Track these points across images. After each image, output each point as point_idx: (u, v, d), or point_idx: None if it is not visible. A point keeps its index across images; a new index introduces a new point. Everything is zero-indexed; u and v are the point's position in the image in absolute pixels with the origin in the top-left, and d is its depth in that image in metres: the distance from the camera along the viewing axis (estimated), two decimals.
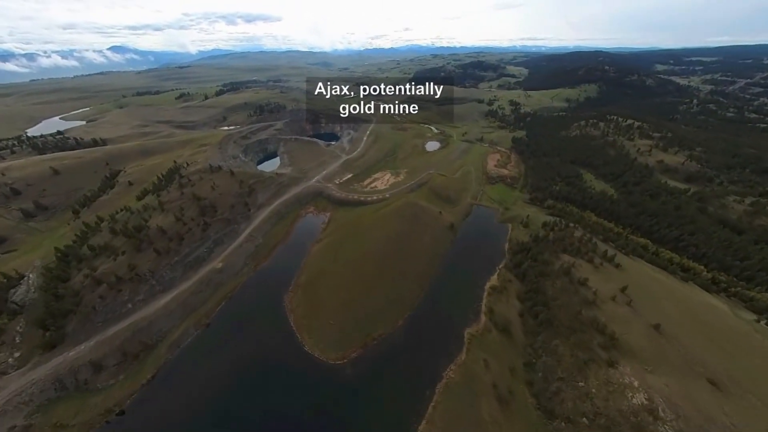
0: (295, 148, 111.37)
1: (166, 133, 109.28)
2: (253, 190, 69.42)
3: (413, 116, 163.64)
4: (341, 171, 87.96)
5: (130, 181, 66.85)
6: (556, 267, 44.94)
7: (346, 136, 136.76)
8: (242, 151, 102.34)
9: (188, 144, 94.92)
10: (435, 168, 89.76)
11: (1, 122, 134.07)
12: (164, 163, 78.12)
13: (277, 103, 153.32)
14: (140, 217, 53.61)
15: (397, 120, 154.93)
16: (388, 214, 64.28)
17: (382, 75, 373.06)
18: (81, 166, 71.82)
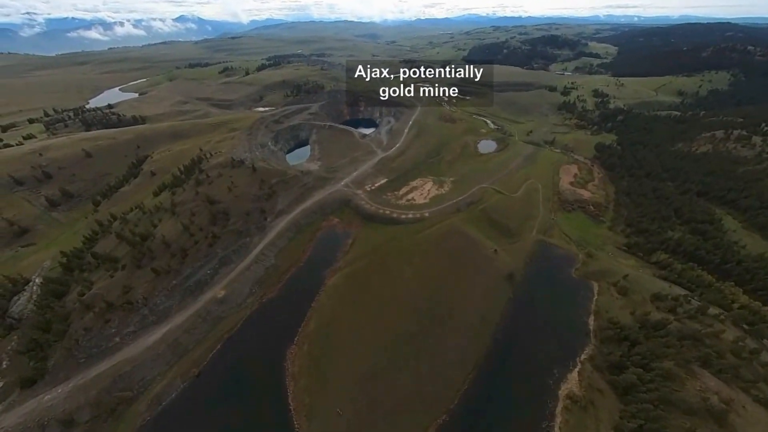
0: (327, 138, 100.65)
1: (202, 112, 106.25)
2: (274, 193, 61.07)
3: (465, 104, 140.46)
4: (374, 173, 75.24)
5: (152, 171, 63.01)
6: (690, 395, 28.43)
7: (384, 125, 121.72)
8: (272, 138, 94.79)
9: (219, 128, 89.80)
10: (489, 179, 71.96)
11: (72, 90, 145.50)
12: (190, 150, 73.45)
13: (316, 83, 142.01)
14: (149, 221, 48.67)
15: (444, 108, 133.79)
16: (425, 243, 51.11)
17: (433, 50, 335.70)
18: (113, 148, 70.29)
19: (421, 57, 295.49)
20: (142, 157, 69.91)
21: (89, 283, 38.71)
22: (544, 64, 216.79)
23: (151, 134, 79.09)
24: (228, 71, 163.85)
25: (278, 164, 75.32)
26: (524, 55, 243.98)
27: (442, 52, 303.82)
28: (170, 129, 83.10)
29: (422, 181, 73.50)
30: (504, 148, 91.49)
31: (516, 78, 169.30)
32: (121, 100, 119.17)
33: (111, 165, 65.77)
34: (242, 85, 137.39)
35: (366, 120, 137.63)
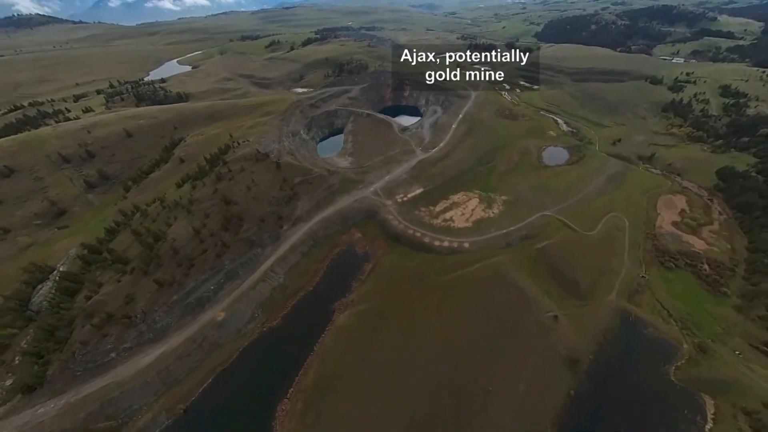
0: (364, 129, 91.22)
1: (242, 91, 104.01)
2: (295, 195, 55.28)
3: (531, 95, 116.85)
4: (409, 180, 64.73)
5: (182, 157, 61.55)
6: None
7: (429, 115, 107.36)
8: (305, 126, 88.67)
9: (254, 110, 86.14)
10: (555, 204, 56.62)
11: (137, 62, 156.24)
12: (222, 135, 70.83)
13: (360, 62, 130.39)
14: (166, 218, 46.61)
15: (504, 99, 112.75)
16: (460, 288, 41.08)
17: (498, 24, 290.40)
18: (152, 128, 70.80)
19: (483, 32, 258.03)
20: (177, 140, 69.24)
21: (97, 286, 37.78)
22: (645, 46, 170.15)
23: (189, 114, 78.41)
24: (274, 45, 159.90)
25: (305, 159, 69.13)
26: (619, 32, 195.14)
27: (510, 27, 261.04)
28: (207, 110, 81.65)
29: (465, 196, 60.97)
30: (578, 161, 72.17)
31: (604, 63, 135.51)
32: (174, 74, 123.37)
33: (148, 146, 66.18)
34: (285, 62, 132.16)
35: (409, 108, 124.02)
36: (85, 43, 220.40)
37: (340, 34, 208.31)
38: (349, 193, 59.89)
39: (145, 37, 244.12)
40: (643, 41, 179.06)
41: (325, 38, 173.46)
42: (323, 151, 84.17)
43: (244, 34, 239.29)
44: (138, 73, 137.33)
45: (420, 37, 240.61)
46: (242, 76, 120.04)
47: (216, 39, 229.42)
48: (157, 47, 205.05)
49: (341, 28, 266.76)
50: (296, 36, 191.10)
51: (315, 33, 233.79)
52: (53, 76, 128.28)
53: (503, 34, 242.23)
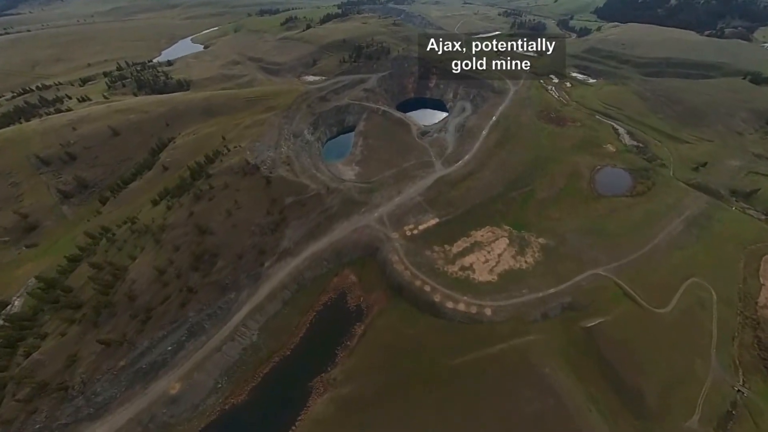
0: (377, 130, 79.35)
1: (247, 78, 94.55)
2: (283, 221, 46.89)
3: (585, 92, 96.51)
4: (424, 204, 53.62)
5: (165, 164, 54.71)
6: None
7: (456, 114, 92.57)
8: (311, 124, 78.44)
9: (255, 104, 77.00)
10: (611, 257, 43.48)
11: (151, 39, 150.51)
12: (215, 135, 63.05)
13: (381, 45, 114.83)
14: (132, 247, 40.39)
15: (550, 97, 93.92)
16: (475, 383, 31.36)
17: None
18: (142, 125, 64.39)
19: (531, 6, 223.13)
20: (166, 140, 62.46)
21: (41, 338, 32.64)
22: (744, 29, 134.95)
23: (183, 109, 71.03)
24: (290, 22, 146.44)
25: (304, 169, 59.84)
26: (708, 9, 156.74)
27: (564, 1, 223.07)
28: (204, 103, 73.72)
29: (492, 234, 49.08)
30: (646, 192, 56.26)
31: (686, 52, 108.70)
32: (182, 56, 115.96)
33: (135, 147, 60.12)
34: (298, 43, 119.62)
35: (434, 101, 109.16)
36: (109, 17, 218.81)
37: (364, 9, 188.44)
38: (349, 219, 50.43)
39: (166, 10, 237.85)
40: (740, 22, 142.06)
41: (347, 14, 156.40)
42: (329, 155, 74.36)
43: (264, 7, 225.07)
44: (150, 53, 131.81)
45: (455, 13, 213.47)
46: (251, 59, 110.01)
47: (234, 13, 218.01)
48: (175, 22, 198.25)
49: (368, 0, 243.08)
50: (316, 11, 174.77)
51: (338, 7, 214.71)
52: (69, 54, 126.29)
53: (555, 9, 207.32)
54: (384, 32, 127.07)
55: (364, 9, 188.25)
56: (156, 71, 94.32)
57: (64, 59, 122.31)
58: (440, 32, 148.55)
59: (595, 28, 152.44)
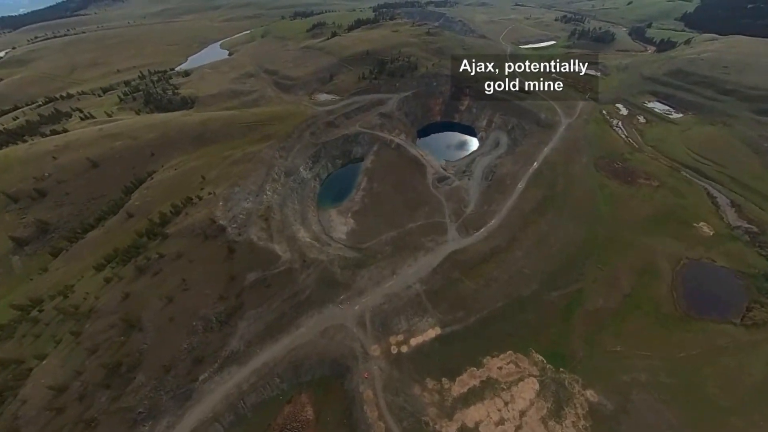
0: (385, 170, 67.30)
1: (255, 95, 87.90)
2: (240, 308, 37.30)
3: (666, 132, 74.53)
4: (422, 299, 40.55)
5: (130, 211, 48.18)
6: None
7: (487, 148, 77.43)
8: (311, 157, 68.72)
9: (252, 131, 69.34)
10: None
11: (184, 43, 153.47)
12: (197, 172, 55.98)
13: (408, 60, 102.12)
14: (46, 340, 33.35)
15: (617, 136, 73.84)
16: None
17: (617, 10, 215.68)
18: (126, 154, 59.54)
19: (597, 9, 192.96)
20: (144, 175, 56.69)
21: None
22: None
23: (175, 135, 65.46)
24: (316, 29, 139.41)
25: (285, 223, 49.99)
26: None
27: (641, 1, 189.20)
28: (198, 128, 67.61)
29: (515, 366, 34.46)
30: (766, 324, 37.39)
31: None
32: (200, 66, 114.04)
33: (112, 182, 55.06)
34: (318, 54, 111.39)
35: (463, 126, 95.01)
36: (158, 18, 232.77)
37: (399, 13, 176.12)
38: (321, 311, 39.30)
39: (210, 11, 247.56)
40: None
41: (377, 21, 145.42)
42: (326, 196, 64.07)
43: (299, 9, 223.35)
44: (177, 58, 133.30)
45: (502, 17, 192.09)
46: (267, 71, 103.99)
47: (269, 16, 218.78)
48: (214, 24, 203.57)
49: (406, 3, 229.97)
50: (346, 15, 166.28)
51: (373, 10, 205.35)
52: (105, 59, 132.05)
53: (627, 13, 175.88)
54: (414, 43, 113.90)
55: (399, 13, 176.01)
56: (167, 84, 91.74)
57: (100, 64, 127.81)
58: (479, 42, 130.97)
59: (683, 40, 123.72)
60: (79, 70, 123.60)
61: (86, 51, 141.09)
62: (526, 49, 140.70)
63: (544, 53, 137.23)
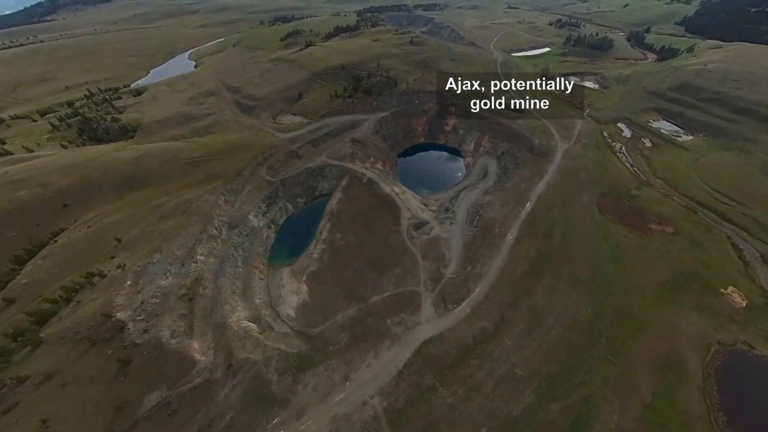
0: (353, 211, 57.52)
1: (210, 120, 77.55)
2: None
3: (676, 160, 65.83)
4: (382, 419, 30.50)
5: (9, 296, 37.69)
6: None
7: (474, 181, 67.91)
8: (265, 199, 58.60)
9: (195, 169, 59.19)
10: None
11: (147, 53, 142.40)
12: (116, 229, 45.76)
13: (387, 74, 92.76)
14: None
15: (621, 166, 65.05)
16: None
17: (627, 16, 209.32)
18: (29, 207, 48.95)
19: (592, 12, 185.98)
20: (47, 237, 46.18)
21: None
22: None
23: (98, 178, 54.98)
24: (291, 37, 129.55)
25: (214, 307, 39.88)
26: None
27: (637, 3, 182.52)
28: (128, 168, 57.22)
29: None
30: None
31: None
32: (158, 81, 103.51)
33: (3, 248, 44.51)
34: (290, 67, 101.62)
35: (449, 149, 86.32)
36: (129, 24, 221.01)
37: (383, 19, 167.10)
38: None
39: (186, 15, 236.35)
40: None
41: (359, 27, 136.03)
42: (282, 247, 53.87)
43: (280, 13, 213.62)
44: (137, 72, 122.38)
45: (494, 21, 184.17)
46: (229, 89, 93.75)
47: (248, 21, 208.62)
48: (187, 31, 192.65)
49: (393, 6, 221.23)
50: (326, 22, 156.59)
51: (357, 14, 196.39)
52: (56, 73, 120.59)
53: (624, 17, 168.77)
54: (396, 54, 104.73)
55: (383, 19, 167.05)
56: (110, 107, 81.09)
57: (49, 79, 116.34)
58: (468, 50, 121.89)
59: (685, 47, 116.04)
60: (23, 87, 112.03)
61: (37, 64, 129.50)
62: (519, 58, 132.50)
63: (537, 62, 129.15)
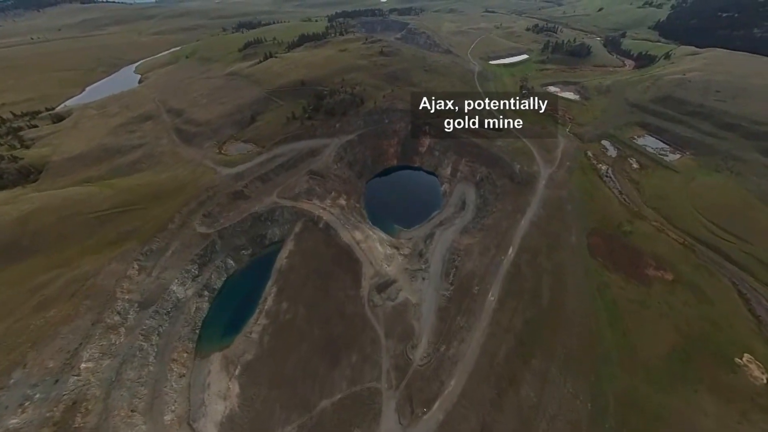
0: (305, 270, 47.82)
1: (140, 152, 65.64)
2: None
3: (667, 184, 60.35)
4: None
5: None
6: None
7: (451, 214, 59.75)
8: (196, 260, 47.79)
9: (105, 226, 47.83)
10: None
11: (86, 66, 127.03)
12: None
13: (353, 92, 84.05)
14: None
15: (606, 191, 59.08)
16: None
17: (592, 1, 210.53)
18: None
19: (569, 16, 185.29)
20: None
21: None
22: None
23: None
24: (250, 48, 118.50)
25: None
26: None
27: (611, 7, 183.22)
28: (13, 229, 45.17)
29: None
30: None
31: None
32: (89, 102, 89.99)
33: None
34: (244, 83, 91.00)
35: (425, 172, 79.05)
36: (74, 31, 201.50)
37: (355, 26, 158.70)
38: None
39: (141, 21, 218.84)
40: None
41: (326, 36, 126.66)
42: (215, 323, 43.20)
43: (245, 19, 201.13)
44: (70, 90, 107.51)
45: (471, 26, 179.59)
46: (171, 111, 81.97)
47: (209, 27, 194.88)
48: (140, 39, 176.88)
49: (367, 11, 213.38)
50: (291, 30, 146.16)
51: (329, 19, 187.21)
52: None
53: (600, 21, 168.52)
54: (364, 67, 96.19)
55: (354, 25, 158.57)
56: (15, 139, 67.70)
57: None
58: (443, 59, 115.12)
59: (662, 54, 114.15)
60: None
61: None
62: (497, 66, 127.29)
63: (516, 70, 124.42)
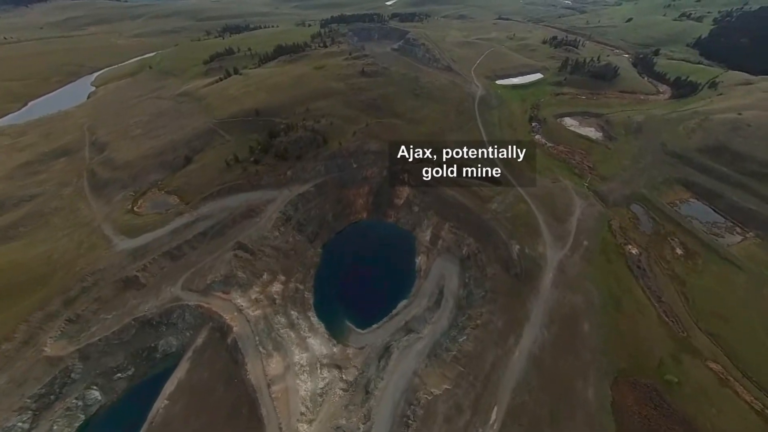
0: (195, 419, 33.08)
1: (21, 212, 51.84)
2: None
3: (729, 298, 42.70)
4: None
5: None
6: None
7: (421, 303, 43.68)
8: (27, 407, 33.15)
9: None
10: None
11: (39, 74, 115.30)
12: None
13: (313, 129, 69.08)
14: None
15: (640, 295, 42.24)
16: None
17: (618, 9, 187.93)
18: None
19: (592, 26, 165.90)
20: None
21: None
22: None
23: None
24: (214, 62, 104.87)
25: None
26: None
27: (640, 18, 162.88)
28: None
29: None
30: None
31: None
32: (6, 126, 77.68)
33: None
34: (194, 107, 77.10)
35: (399, 233, 63.20)
36: (56, 30, 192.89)
37: (346, 34, 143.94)
38: None
39: (125, 21, 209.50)
40: None
41: (306, 48, 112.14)
42: None
43: (234, 22, 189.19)
44: (9, 105, 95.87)
45: (481, 36, 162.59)
46: (95, 144, 68.45)
47: (195, 30, 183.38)
48: (118, 42, 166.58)
49: (365, 16, 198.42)
50: (267, 40, 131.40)
51: (321, 24, 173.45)
52: None
53: (628, 33, 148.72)
54: (338, 91, 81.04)
55: (345, 34, 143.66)
56: None
57: None
58: (440, 79, 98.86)
59: (706, 81, 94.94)
60: None
61: None
62: (504, 87, 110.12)
63: (526, 93, 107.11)
